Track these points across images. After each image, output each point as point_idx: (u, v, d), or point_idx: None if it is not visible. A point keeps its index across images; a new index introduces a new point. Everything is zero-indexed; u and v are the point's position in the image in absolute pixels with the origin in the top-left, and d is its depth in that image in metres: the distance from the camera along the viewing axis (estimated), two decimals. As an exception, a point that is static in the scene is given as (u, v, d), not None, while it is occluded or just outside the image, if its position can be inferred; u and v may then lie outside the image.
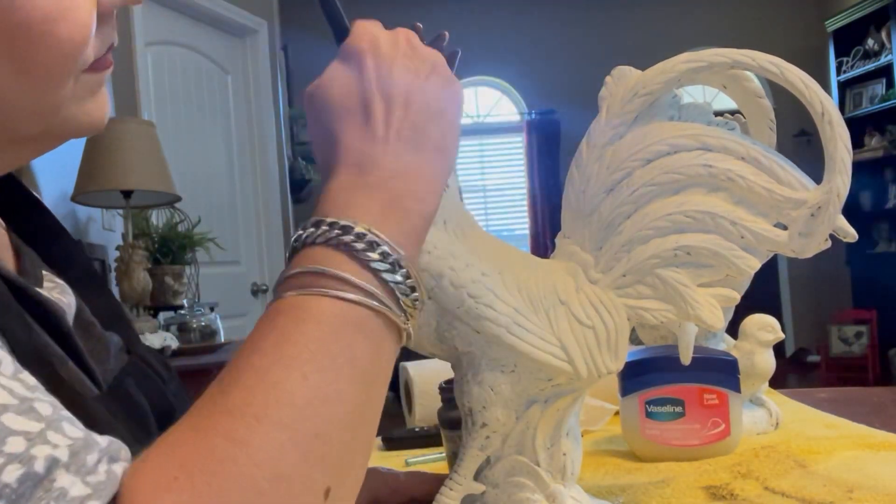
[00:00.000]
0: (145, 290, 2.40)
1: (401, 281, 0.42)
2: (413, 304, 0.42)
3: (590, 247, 0.60)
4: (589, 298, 0.58)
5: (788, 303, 6.35)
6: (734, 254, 0.57)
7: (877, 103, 5.66)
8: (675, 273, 0.58)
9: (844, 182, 0.54)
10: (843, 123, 0.54)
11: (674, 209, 0.57)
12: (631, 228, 0.58)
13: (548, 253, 0.62)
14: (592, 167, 0.60)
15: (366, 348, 0.40)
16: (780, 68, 0.55)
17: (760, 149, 0.57)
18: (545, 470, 0.59)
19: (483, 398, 0.58)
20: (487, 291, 0.56)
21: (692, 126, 0.58)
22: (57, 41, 0.41)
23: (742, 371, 0.94)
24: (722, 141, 0.57)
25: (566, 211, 0.61)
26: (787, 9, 6.33)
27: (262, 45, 4.01)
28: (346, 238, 0.41)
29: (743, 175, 0.56)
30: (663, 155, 0.58)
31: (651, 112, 0.59)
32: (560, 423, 0.59)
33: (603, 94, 0.61)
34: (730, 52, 0.56)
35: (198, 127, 3.60)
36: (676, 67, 0.57)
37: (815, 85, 0.55)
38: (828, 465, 0.82)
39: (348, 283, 0.40)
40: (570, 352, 0.56)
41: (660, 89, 0.58)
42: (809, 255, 0.56)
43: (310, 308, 0.39)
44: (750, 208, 0.57)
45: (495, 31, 6.09)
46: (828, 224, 0.54)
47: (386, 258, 0.41)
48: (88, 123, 0.47)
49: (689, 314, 0.58)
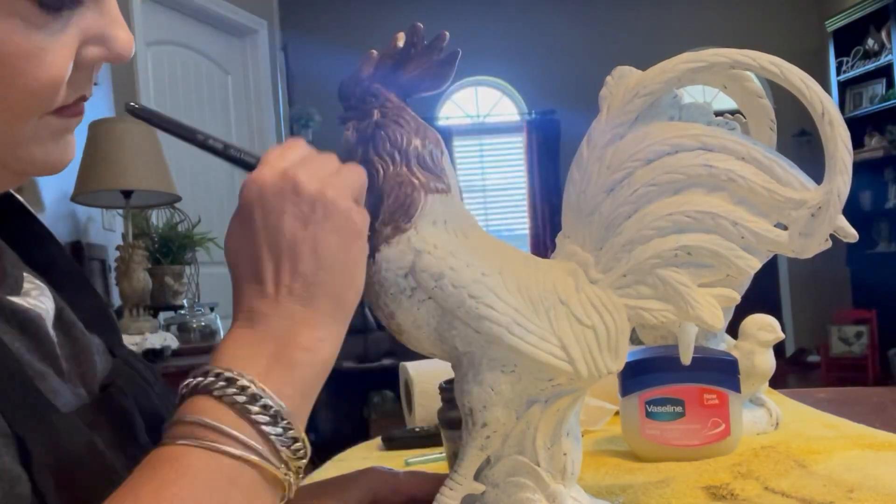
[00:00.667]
0: (145, 290, 2.40)
1: (281, 433, 0.43)
2: (295, 456, 0.44)
3: (590, 247, 0.59)
4: (589, 298, 0.58)
5: (788, 303, 6.35)
6: (735, 254, 0.57)
7: (877, 103, 5.66)
8: (676, 273, 0.57)
9: (845, 182, 0.54)
10: (843, 123, 0.54)
11: (674, 209, 0.57)
12: (631, 228, 0.58)
13: (548, 253, 0.62)
14: (593, 167, 0.59)
15: (240, 501, 0.41)
16: (781, 68, 0.55)
17: (761, 149, 0.57)
18: (545, 470, 0.59)
19: (483, 398, 0.58)
20: (488, 291, 0.56)
21: (693, 126, 0.58)
22: (25, 80, 0.41)
23: (742, 371, 0.94)
24: (722, 141, 0.57)
25: (567, 211, 0.61)
26: (787, 9, 6.33)
27: (262, 45, 4.01)
28: (230, 390, 0.43)
29: (743, 175, 0.56)
30: (664, 155, 0.58)
31: (651, 112, 0.59)
32: (560, 422, 0.59)
33: (603, 93, 0.60)
34: (730, 52, 0.56)
35: (198, 127, 3.60)
36: (677, 67, 0.57)
37: (815, 85, 0.54)
38: (828, 465, 0.82)
39: (228, 435, 0.41)
40: (571, 352, 0.56)
41: (660, 89, 0.58)
42: (810, 255, 0.56)
43: (188, 460, 0.40)
44: (750, 208, 0.56)
45: (495, 31, 6.09)
46: (828, 224, 0.54)
47: (267, 410, 0.42)
48: (44, 164, 0.46)
49: (689, 314, 0.57)
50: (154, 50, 3.31)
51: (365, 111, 0.59)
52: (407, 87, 0.60)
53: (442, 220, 0.58)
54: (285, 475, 0.43)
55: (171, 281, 2.63)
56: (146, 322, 2.36)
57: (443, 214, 0.58)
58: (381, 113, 0.59)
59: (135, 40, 0.47)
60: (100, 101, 2.85)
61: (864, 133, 5.73)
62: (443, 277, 0.56)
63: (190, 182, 3.15)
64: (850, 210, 0.55)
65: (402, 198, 0.58)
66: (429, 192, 0.58)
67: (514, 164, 6.48)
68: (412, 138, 0.59)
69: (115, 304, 2.53)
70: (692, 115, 0.59)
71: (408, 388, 1.18)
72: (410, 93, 0.60)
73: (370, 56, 0.59)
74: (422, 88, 0.60)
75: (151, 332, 2.28)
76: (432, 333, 0.58)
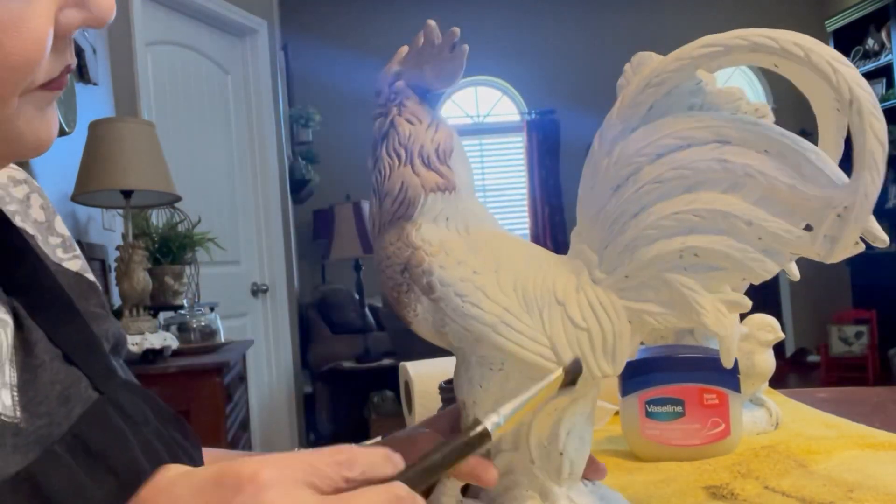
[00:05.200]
0: (145, 290, 2.40)
1: None
2: None
3: (596, 246, 0.57)
4: (588, 299, 0.56)
5: (788, 303, 6.35)
6: (748, 256, 0.52)
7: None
8: (681, 276, 0.54)
9: (874, 179, 0.47)
10: (875, 112, 0.47)
11: (682, 207, 0.53)
12: (635, 228, 0.55)
13: (548, 253, 0.62)
14: (601, 163, 0.56)
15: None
16: (806, 51, 0.48)
17: (788, 141, 0.51)
18: (540, 468, 0.58)
19: (473, 394, 0.58)
20: (475, 290, 0.56)
21: (709, 117, 0.53)
22: (5, 54, 0.38)
23: (742, 371, 0.94)
24: (743, 133, 0.52)
25: (578, 208, 0.59)
26: (787, 9, 6.33)
27: (262, 45, 4.01)
28: None
29: (763, 171, 0.51)
30: (674, 149, 0.53)
31: (668, 102, 0.54)
32: (558, 422, 0.58)
33: (620, 83, 0.57)
34: (750, 33, 0.51)
35: (198, 127, 3.60)
36: (691, 53, 0.52)
37: (846, 67, 0.48)
38: (828, 465, 0.82)
39: None
40: (560, 353, 0.55)
41: (672, 78, 0.53)
42: (837, 260, 0.50)
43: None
44: (771, 207, 0.51)
45: (495, 31, 6.10)
46: (854, 226, 0.48)
47: None
48: (35, 142, 0.44)
49: (693, 320, 0.54)
50: (154, 50, 3.31)
51: (388, 109, 0.62)
52: (424, 85, 0.62)
53: (443, 217, 0.58)
54: None
55: (171, 281, 2.63)
56: (146, 322, 2.36)
57: (444, 212, 0.58)
58: (398, 111, 0.61)
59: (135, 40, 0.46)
60: (100, 101, 2.85)
61: (864, 133, 5.73)
62: (432, 275, 0.56)
63: (190, 182, 3.15)
64: (850, 210, 0.52)
65: (402, 195, 0.59)
66: (431, 191, 0.59)
67: (513, 164, 6.48)
68: (420, 137, 0.60)
69: (115, 304, 2.53)
70: (717, 103, 0.54)
71: (408, 389, 1.18)
72: (428, 90, 0.62)
73: (397, 53, 0.62)
74: (436, 86, 0.62)
75: (151, 332, 2.28)
76: (432, 327, 0.58)
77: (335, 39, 5.88)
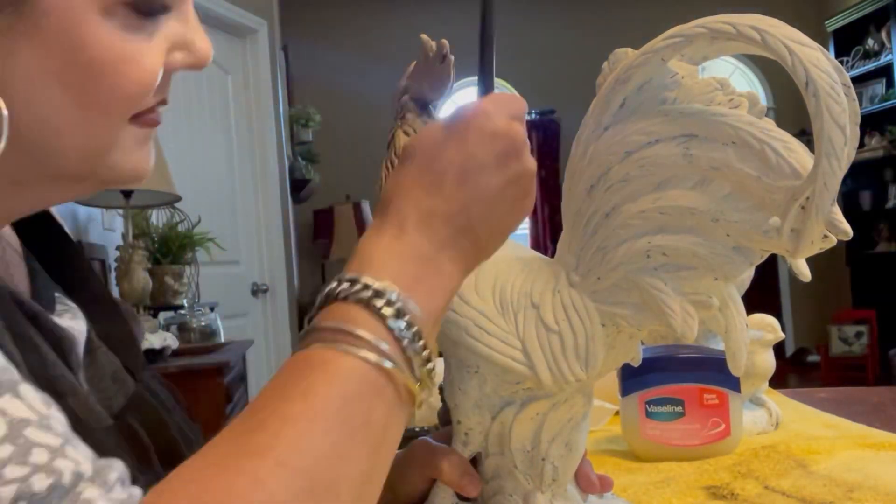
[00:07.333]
0: (145, 290, 2.40)
1: (419, 350, 0.43)
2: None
3: (574, 248, 0.56)
4: (562, 302, 0.55)
5: (788, 303, 6.35)
6: (717, 254, 0.50)
7: (877, 103, 5.65)
8: (650, 277, 0.52)
9: (832, 166, 0.44)
10: (833, 94, 0.44)
11: (648, 206, 0.51)
12: (606, 228, 0.54)
13: (547, 253, 0.62)
14: (578, 164, 0.56)
15: (382, 412, 0.41)
16: (762, 33, 0.46)
17: (754, 129, 0.48)
18: (523, 473, 0.58)
19: (454, 396, 0.58)
20: None
21: (677, 111, 0.51)
22: (123, 82, 0.43)
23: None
24: (710, 125, 0.49)
25: (562, 211, 0.59)
26: (787, 9, 6.31)
27: (262, 45, 4.01)
28: (378, 302, 0.42)
29: (728, 164, 0.48)
30: (643, 146, 0.51)
31: (640, 98, 0.52)
32: (540, 427, 0.57)
33: (599, 81, 0.56)
34: (709, 21, 0.49)
35: (198, 127, 3.60)
36: (654, 46, 0.51)
37: (803, 48, 0.45)
38: (828, 465, 0.82)
39: (375, 348, 0.41)
40: (532, 356, 0.54)
41: (638, 72, 0.51)
42: (804, 256, 0.48)
43: (338, 365, 0.40)
44: (740, 202, 0.49)
45: (495, 30, 6.09)
46: (816, 218, 0.45)
47: (410, 328, 0.43)
48: (132, 172, 0.48)
49: (663, 322, 0.52)
50: (154, 50, 3.30)
51: (394, 122, 0.69)
52: (422, 98, 0.69)
53: None
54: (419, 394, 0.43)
55: (171, 281, 2.63)
56: (146, 322, 2.36)
57: None
58: (400, 124, 0.68)
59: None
60: (100, 101, 2.84)
61: (864, 133, 5.73)
62: None
63: (190, 182, 3.14)
64: (850, 210, 0.51)
65: None
66: None
67: (514, 164, 6.48)
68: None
69: (115, 304, 2.53)
70: (691, 95, 0.52)
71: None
72: (427, 102, 0.69)
73: (406, 68, 0.69)
74: (432, 97, 0.68)
75: (151, 332, 2.28)
76: None
77: (335, 39, 5.88)
